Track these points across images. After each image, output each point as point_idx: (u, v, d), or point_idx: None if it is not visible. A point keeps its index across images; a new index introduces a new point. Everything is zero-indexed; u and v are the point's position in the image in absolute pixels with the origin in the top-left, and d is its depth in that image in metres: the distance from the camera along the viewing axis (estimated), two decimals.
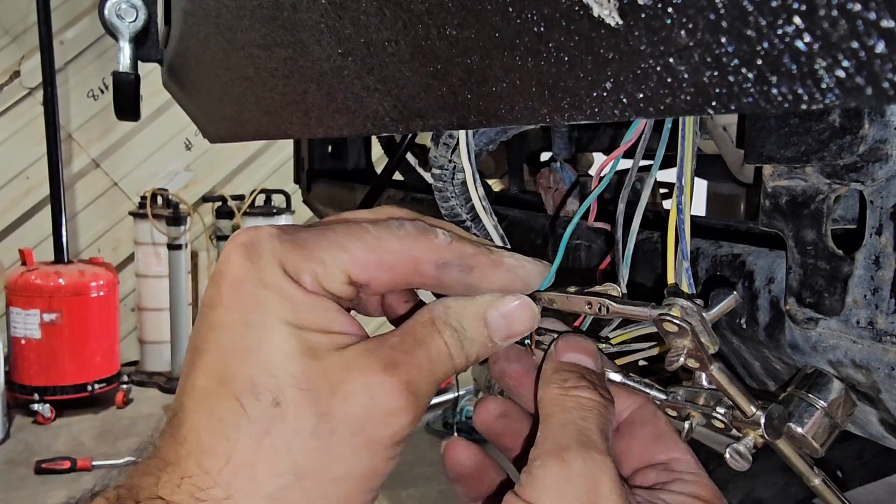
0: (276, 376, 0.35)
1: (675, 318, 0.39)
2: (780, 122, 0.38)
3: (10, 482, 3.07)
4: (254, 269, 0.37)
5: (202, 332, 0.37)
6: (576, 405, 0.40)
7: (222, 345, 0.36)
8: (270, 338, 0.35)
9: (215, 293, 0.37)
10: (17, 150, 4.26)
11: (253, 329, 0.35)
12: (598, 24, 0.26)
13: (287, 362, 0.35)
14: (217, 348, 0.36)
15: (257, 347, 0.35)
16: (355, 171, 1.53)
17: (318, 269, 0.37)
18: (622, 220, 0.46)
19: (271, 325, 0.36)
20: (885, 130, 0.36)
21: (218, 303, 0.37)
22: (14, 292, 3.64)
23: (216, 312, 0.37)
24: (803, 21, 0.20)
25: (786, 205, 0.40)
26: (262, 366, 0.35)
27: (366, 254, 0.38)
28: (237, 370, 0.35)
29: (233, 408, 0.35)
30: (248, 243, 0.38)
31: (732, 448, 0.41)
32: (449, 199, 0.50)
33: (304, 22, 0.48)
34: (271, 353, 0.35)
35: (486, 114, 0.36)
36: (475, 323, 0.40)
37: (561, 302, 0.44)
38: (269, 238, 0.38)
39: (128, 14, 0.90)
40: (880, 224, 0.37)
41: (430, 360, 0.38)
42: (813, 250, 0.39)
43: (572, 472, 0.37)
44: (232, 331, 0.36)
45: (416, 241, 0.39)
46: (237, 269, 0.37)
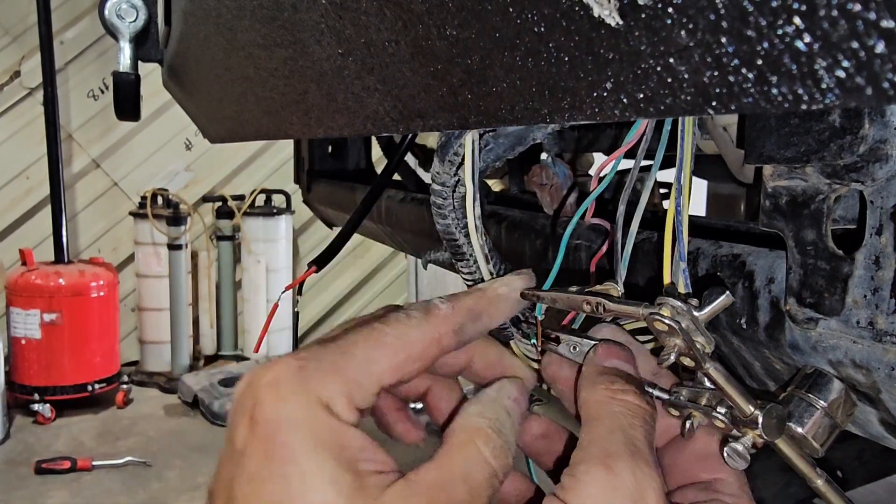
0: None
1: (665, 317, 0.39)
2: (780, 123, 0.38)
3: (10, 482, 3.07)
4: (287, 411, 0.36)
5: (240, 482, 0.36)
6: (623, 410, 0.40)
7: (262, 498, 0.35)
8: (310, 492, 0.35)
9: (249, 439, 0.36)
10: (18, 150, 4.26)
11: (292, 483, 0.35)
12: (598, 24, 0.26)
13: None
14: (257, 501, 0.35)
15: (297, 503, 0.35)
16: (355, 172, 1.53)
17: (354, 392, 0.37)
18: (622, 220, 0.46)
19: (311, 478, 0.35)
20: (885, 130, 0.36)
21: (252, 451, 0.36)
22: (14, 292, 3.64)
23: (252, 462, 0.36)
24: (803, 21, 0.20)
25: (786, 205, 0.40)
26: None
27: (393, 355, 0.39)
28: None
29: None
30: (277, 383, 0.37)
31: (730, 447, 0.41)
32: (446, 216, 0.49)
33: (304, 22, 0.48)
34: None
35: (487, 114, 0.36)
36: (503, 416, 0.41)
37: (562, 301, 0.45)
38: (296, 373, 0.37)
39: (128, 14, 0.90)
40: (880, 224, 0.37)
41: (470, 490, 0.37)
42: (813, 250, 0.39)
43: (620, 481, 0.36)
44: (273, 485, 0.35)
45: (429, 324, 0.41)
46: (270, 414, 0.36)
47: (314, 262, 0.62)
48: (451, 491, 0.36)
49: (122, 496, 2.98)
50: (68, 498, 2.95)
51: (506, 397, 0.42)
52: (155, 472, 3.16)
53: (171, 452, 3.35)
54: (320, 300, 5.00)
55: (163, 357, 4.28)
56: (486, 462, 0.38)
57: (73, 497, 2.96)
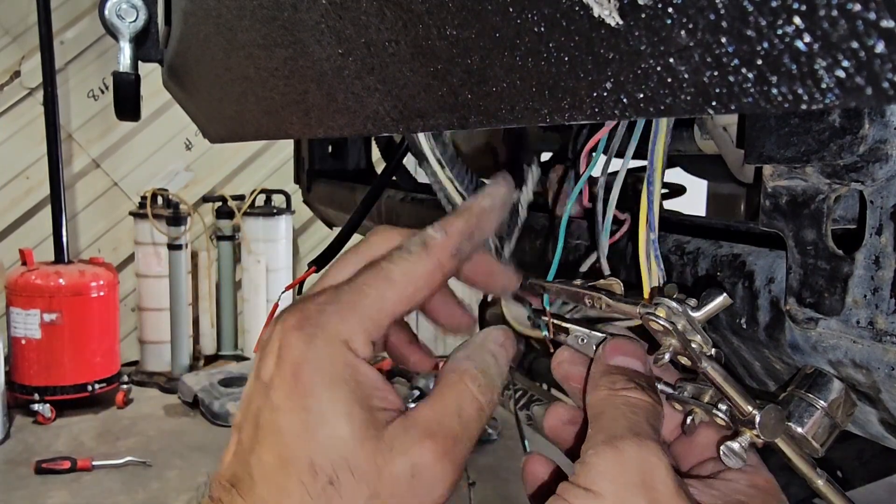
0: (331, 459, 0.39)
1: (660, 318, 0.39)
2: (780, 122, 0.38)
3: (11, 482, 3.07)
4: (311, 350, 0.41)
5: (265, 412, 0.41)
6: (625, 403, 0.42)
7: (284, 427, 0.40)
8: (326, 424, 0.40)
9: (276, 374, 0.41)
10: (18, 150, 4.26)
11: (312, 415, 0.40)
12: (598, 24, 0.26)
13: (340, 446, 0.39)
14: (280, 429, 0.40)
15: (315, 432, 0.40)
16: (355, 172, 1.53)
17: (372, 330, 0.42)
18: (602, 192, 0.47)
19: (328, 413, 0.40)
20: (885, 130, 0.36)
21: (278, 385, 0.41)
22: (14, 292, 3.64)
23: (277, 394, 0.41)
24: (803, 21, 0.21)
25: (786, 205, 0.40)
26: (320, 450, 0.39)
27: (402, 290, 0.43)
28: (299, 453, 0.40)
29: (297, 485, 0.39)
30: (301, 325, 0.41)
31: (726, 446, 0.41)
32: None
33: (304, 22, 0.48)
34: (327, 438, 0.39)
35: (487, 114, 0.36)
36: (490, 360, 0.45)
37: (566, 294, 0.45)
38: (319, 314, 0.42)
39: (128, 14, 0.90)
40: (880, 224, 0.37)
41: (462, 421, 0.42)
42: (813, 250, 0.39)
43: (626, 457, 0.39)
44: (293, 415, 0.40)
45: (429, 255, 0.44)
46: (296, 353, 0.41)
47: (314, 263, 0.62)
48: (445, 423, 0.41)
49: (122, 496, 2.98)
50: (68, 498, 2.95)
51: (491, 342, 0.46)
52: (155, 472, 3.16)
53: (171, 452, 3.35)
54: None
55: (163, 357, 4.28)
56: (474, 398, 0.43)
57: (73, 497, 2.96)
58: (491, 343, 0.46)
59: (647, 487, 0.38)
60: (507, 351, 0.46)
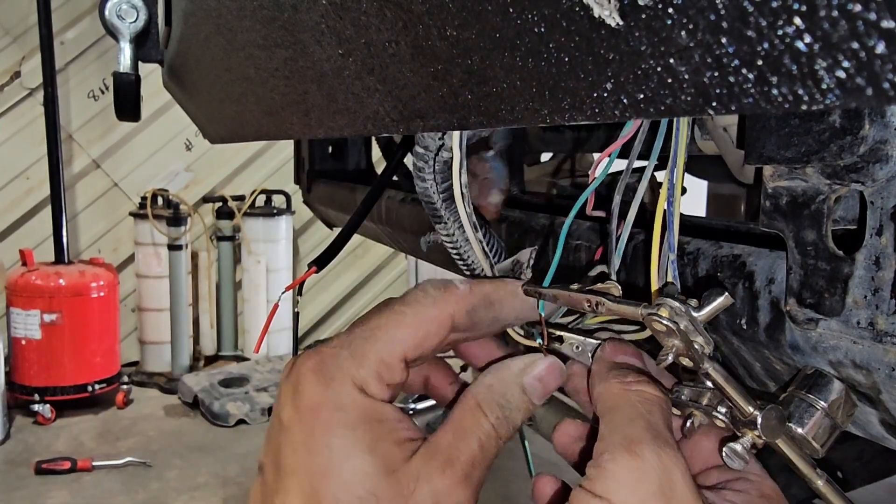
0: (357, 494, 0.40)
1: (663, 318, 0.39)
2: (780, 123, 0.38)
3: (11, 482, 3.07)
4: (328, 393, 0.42)
5: (287, 453, 0.42)
6: (640, 399, 0.42)
7: (310, 469, 0.41)
8: (350, 461, 0.40)
9: (295, 416, 0.42)
10: (18, 150, 4.26)
11: (335, 452, 0.41)
12: (598, 24, 0.26)
13: (365, 481, 0.40)
14: (305, 472, 0.41)
15: (339, 469, 0.40)
16: (356, 172, 1.53)
17: (383, 372, 0.43)
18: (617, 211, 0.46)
19: (352, 450, 0.41)
20: (885, 131, 0.36)
21: (299, 427, 0.42)
22: (14, 293, 3.64)
23: (299, 436, 0.42)
24: (804, 21, 0.20)
25: (786, 205, 0.40)
26: (346, 488, 0.40)
27: (413, 333, 0.43)
28: (325, 491, 0.40)
29: None
30: (318, 369, 0.42)
31: (729, 447, 0.41)
32: (426, 179, 0.49)
33: (304, 23, 0.48)
34: (351, 474, 0.40)
35: (487, 114, 0.36)
36: (516, 392, 0.45)
37: (563, 298, 0.45)
38: (334, 359, 0.43)
39: (128, 14, 0.90)
40: (880, 225, 0.37)
41: (481, 448, 0.43)
42: (813, 251, 0.39)
43: (646, 465, 0.38)
44: (317, 455, 0.41)
45: (445, 302, 0.44)
46: (313, 395, 0.42)
47: (314, 263, 0.62)
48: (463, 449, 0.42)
49: (122, 496, 2.98)
50: (68, 498, 2.95)
51: (528, 375, 0.45)
52: (155, 473, 3.16)
53: (171, 453, 3.35)
54: (320, 300, 5.00)
55: (163, 357, 4.28)
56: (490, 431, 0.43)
57: (73, 497, 2.96)
58: (528, 376, 0.45)
59: (665, 496, 0.37)
60: (545, 387, 0.45)
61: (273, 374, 4.04)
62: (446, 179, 0.49)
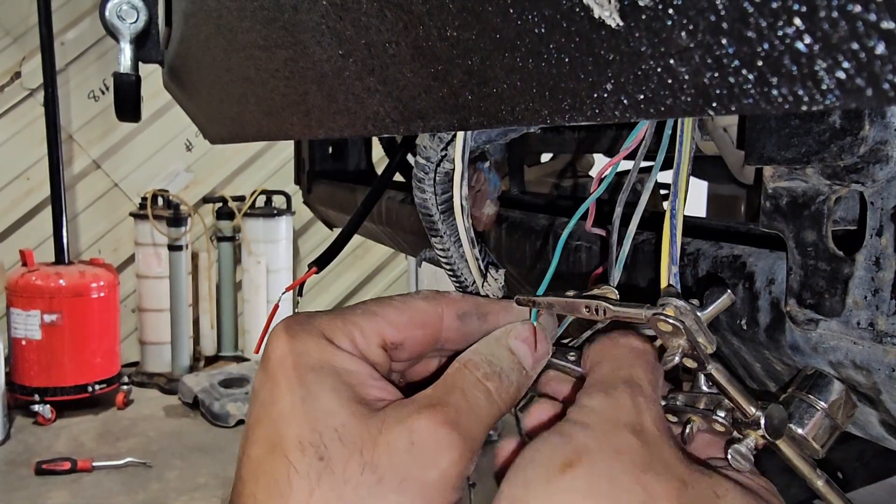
0: (320, 432, 0.37)
1: (669, 317, 0.39)
2: (780, 124, 0.38)
3: (11, 483, 3.07)
4: (294, 344, 0.40)
5: (254, 411, 0.40)
6: (624, 352, 0.41)
7: (272, 416, 0.38)
8: (314, 400, 0.38)
9: (263, 376, 0.40)
10: (18, 150, 4.26)
11: (298, 396, 0.38)
12: (598, 25, 0.26)
13: (329, 419, 0.37)
14: (268, 419, 0.38)
15: (302, 410, 0.37)
16: (356, 173, 1.53)
17: (355, 333, 0.41)
18: (619, 222, 0.46)
19: (315, 389, 0.38)
20: (885, 132, 0.36)
21: (265, 382, 0.40)
22: (15, 293, 3.64)
23: (265, 390, 0.40)
24: (804, 22, 0.21)
25: (786, 206, 0.40)
26: (307, 425, 0.37)
27: (397, 315, 0.42)
28: (286, 433, 0.37)
29: (284, 466, 0.36)
30: (287, 327, 0.41)
31: (734, 448, 0.41)
32: (425, 191, 0.49)
33: (304, 23, 0.48)
34: (315, 413, 0.37)
35: (487, 115, 0.36)
36: (504, 354, 0.42)
37: (559, 306, 0.44)
38: (305, 317, 0.41)
39: (128, 15, 0.90)
40: (881, 225, 0.37)
41: (467, 399, 0.39)
42: (813, 251, 0.39)
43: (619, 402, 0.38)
44: (280, 402, 0.38)
45: (436, 300, 0.44)
46: (279, 350, 0.40)
47: (315, 263, 0.62)
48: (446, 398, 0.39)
49: (122, 497, 2.98)
50: (68, 499, 2.95)
51: (511, 337, 0.43)
52: (155, 473, 3.16)
53: (171, 453, 3.35)
54: (320, 301, 5.00)
55: (163, 358, 4.28)
56: (477, 381, 0.40)
57: (73, 498, 2.96)
58: (511, 338, 0.43)
59: (635, 429, 0.37)
60: (531, 347, 0.43)
61: None
62: (446, 191, 0.49)
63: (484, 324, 0.45)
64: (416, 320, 0.43)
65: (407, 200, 1.08)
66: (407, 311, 0.43)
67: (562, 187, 1.51)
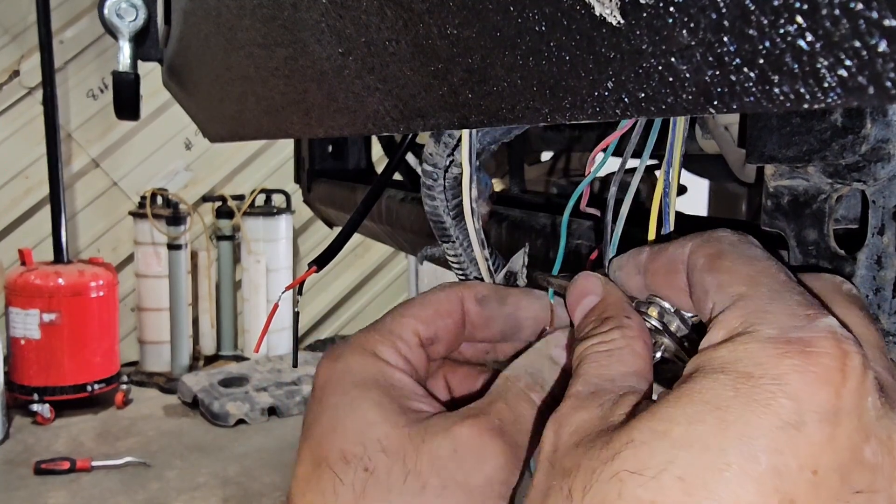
0: (364, 444, 0.37)
1: (651, 317, 0.38)
2: (781, 122, 0.38)
3: (10, 482, 3.07)
4: (338, 365, 0.41)
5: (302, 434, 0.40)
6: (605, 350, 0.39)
7: (316, 434, 0.39)
8: (357, 414, 0.38)
9: (311, 402, 0.41)
10: (17, 149, 4.26)
11: (340, 408, 0.39)
12: (599, 23, 0.26)
13: (372, 431, 0.37)
14: (313, 438, 0.39)
15: (345, 424, 0.38)
16: (356, 171, 1.53)
17: (395, 340, 0.42)
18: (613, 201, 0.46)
19: (358, 404, 0.38)
20: (887, 130, 0.36)
21: (311, 406, 0.41)
22: (13, 292, 3.64)
23: (311, 413, 0.40)
24: (805, 20, 0.20)
25: (788, 204, 0.40)
26: (350, 438, 0.37)
27: (422, 310, 0.43)
28: (330, 447, 0.38)
29: (329, 479, 0.37)
30: (330, 351, 0.42)
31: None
32: (435, 198, 0.49)
33: (304, 21, 0.48)
34: (358, 425, 0.38)
35: (487, 113, 0.36)
36: (545, 363, 0.42)
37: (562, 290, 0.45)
38: (344, 342, 0.42)
39: (127, 13, 0.90)
40: (882, 224, 0.36)
41: (512, 410, 0.39)
42: (815, 250, 0.39)
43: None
44: (324, 419, 0.39)
45: (454, 288, 0.45)
46: (323, 374, 0.41)
47: (314, 262, 0.62)
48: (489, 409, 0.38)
49: (122, 496, 2.98)
50: (68, 498, 2.95)
51: (552, 346, 0.43)
52: (154, 473, 3.16)
53: (171, 453, 3.35)
54: (320, 300, 5.00)
55: (162, 357, 4.28)
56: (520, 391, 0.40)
57: (72, 497, 2.96)
58: (552, 348, 0.43)
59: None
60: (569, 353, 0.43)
61: (273, 373, 4.04)
62: (456, 196, 0.49)
63: (504, 307, 0.45)
64: (440, 310, 0.43)
65: (407, 199, 1.08)
66: (430, 305, 0.43)
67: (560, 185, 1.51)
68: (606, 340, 0.35)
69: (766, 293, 0.30)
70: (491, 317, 0.44)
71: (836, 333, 0.27)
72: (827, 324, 0.28)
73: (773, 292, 0.30)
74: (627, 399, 0.31)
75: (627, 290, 0.39)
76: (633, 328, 0.36)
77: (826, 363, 0.27)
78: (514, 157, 1.17)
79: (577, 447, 0.30)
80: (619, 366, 0.34)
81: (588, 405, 0.32)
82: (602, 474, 0.27)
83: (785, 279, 0.31)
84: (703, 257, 0.34)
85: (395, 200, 1.10)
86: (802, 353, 0.27)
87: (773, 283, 0.30)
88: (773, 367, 0.27)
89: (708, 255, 0.33)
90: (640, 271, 0.38)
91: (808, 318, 0.28)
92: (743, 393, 0.27)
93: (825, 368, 0.27)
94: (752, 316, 0.29)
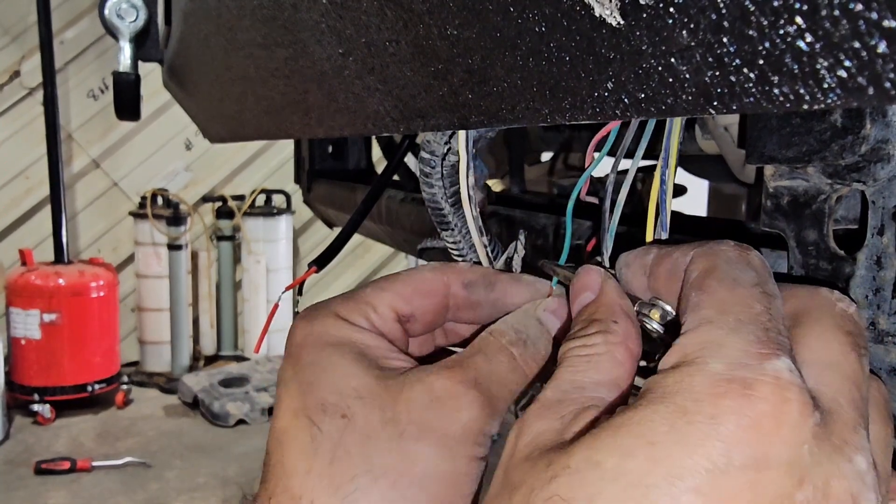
0: (341, 393, 0.38)
1: (653, 321, 0.38)
2: (781, 123, 0.38)
3: (10, 483, 3.07)
4: (313, 327, 0.41)
5: (279, 392, 0.41)
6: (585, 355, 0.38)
7: (293, 389, 0.39)
8: (335, 367, 0.39)
9: (285, 361, 0.41)
10: (18, 150, 4.26)
11: (319, 367, 0.39)
12: (599, 23, 0.26)
13: (350, 380, 0.38)
14: (291, 393, 0.39)
15: (322, 378, 0.39)
16: (356, 172, 1.53)
17: (369, 311, 0.42)
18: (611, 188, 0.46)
19: (336, 360, 0.39)
20: (886, 130, 0.36)
21: (287, 365, 0.41)
22: (14, 292, 3.64)
23: (287, 371, 0.41)
24: (805, 21, 0.20)
25: (787, 205, 0.40)
26: (328, 388, 0.38)
27: (404, 287, 0.43)
28: (308, 399, 0.38)
29: (307, 427, 0.38)
30: (304, 314, 0.42)
31: None
32: (433, 185, 0.49)
33: (304, 22, 0.48)
34: (335, 377, 0.38)
35: (487, 114, 0.36)
36: (532, 323, 0.42)
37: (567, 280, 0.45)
38: (321, 304, 0.43)
39: (128, 14, 0.90)
40: (882, 224, 0.36)
41: (489, 362, 0.39)
42: (815, 251, 0.39)
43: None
44: (301, 375, 0.39)
45: (442, 270, 0.44)
46: (299, 335, 0.41)
47: (314, 263, 0.62)
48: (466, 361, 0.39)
49: (122, 496, 2.98)
50: (68, 498, 2.95)
51: (540, 309, 0.42)
52: (154, 473, 3.16)
53: (171, 453, 3.35)
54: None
55: (163, 357, 4.28)
56: (502, 346, 0.40)
57: (72, 497, 2.96)
58: (540, 310, 0.43)
59: None
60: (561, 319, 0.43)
61: (273, 373, 4.04)
62: (454, 183, 0.49)
63: (491, 293, 0.44)
64: (422, 290, 0.43)
65: (407, 199, 1.08)
66: (413, 283, 0.43)
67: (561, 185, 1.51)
68: (588, 345, 0.35)
69: (731, 323, 0.29)
70: (477, 302, 0.44)
71: (779, 379, 0.27)
72: (775, 367, 0.28)
73: (738, 323, 0.29)
74: (587, 413, 0.31)
75: (632, 289, 0.39)
76: (617, 334, 0.35)
77: (761, 409, 0.27)
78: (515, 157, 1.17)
79: (526, 461, 0.30)
80: (594, 373, 0.34)
81: (549, 415, 0.32)
82: (539, 494, 0.28)
83: (758, 310, 0.30)
84: (696, 271, 0.33)
85: (395, 201, 1.10)
86: (741, 396, 0.27)
87: (743, 313, 0.30)
88: (710, 406, 0.27)
89: (701, 270, 0.33)
90: (645, 272, 0.38)
91: (760, 357, 0.28)
92: (677, 429, 0.27)
93: (759, 414, 0.26)
94: (707, 346, 0.29)
